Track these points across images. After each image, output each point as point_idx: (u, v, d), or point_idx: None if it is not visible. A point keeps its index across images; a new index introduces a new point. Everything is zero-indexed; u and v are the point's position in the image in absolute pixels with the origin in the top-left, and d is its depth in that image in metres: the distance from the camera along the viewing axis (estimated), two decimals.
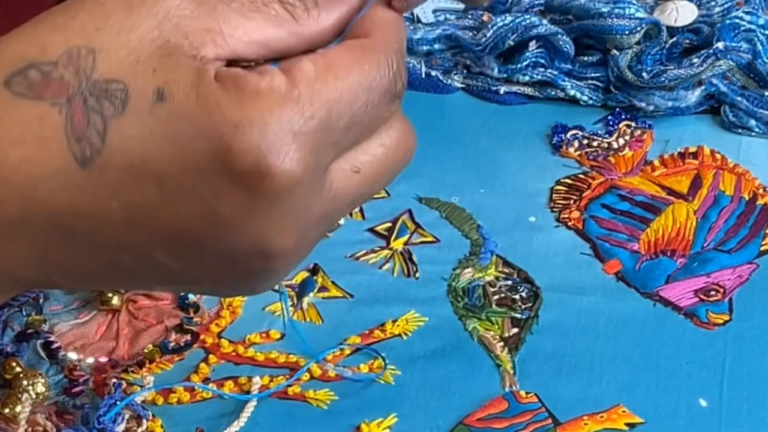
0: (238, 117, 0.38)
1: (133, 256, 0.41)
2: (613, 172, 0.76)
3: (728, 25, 0.81)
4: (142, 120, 0.38)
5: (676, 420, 0.61)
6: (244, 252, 0.40)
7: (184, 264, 0.41)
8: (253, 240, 0.40)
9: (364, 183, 0.42)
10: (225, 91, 0.38)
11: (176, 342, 0.66)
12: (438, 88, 0.83)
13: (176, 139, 0.38)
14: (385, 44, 0.41)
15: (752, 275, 0.69)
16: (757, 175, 0.75)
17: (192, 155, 0.38)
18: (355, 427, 0.61)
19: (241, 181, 0.38)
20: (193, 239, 0.40)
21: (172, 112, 0.38)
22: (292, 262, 0.42)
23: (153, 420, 0.62)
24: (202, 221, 0.39)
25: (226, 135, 0.38)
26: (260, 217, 0.39)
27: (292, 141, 0.38)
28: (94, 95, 0.38)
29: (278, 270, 0.42)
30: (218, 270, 0.42)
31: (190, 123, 0.38)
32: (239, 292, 0.46)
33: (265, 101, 0.38)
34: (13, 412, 0.61)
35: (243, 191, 0.38)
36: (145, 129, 0.38)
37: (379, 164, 0.43)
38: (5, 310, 0.67)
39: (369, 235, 0.73)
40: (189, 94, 0.38)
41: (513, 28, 0.81)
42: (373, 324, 0.67)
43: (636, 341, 0.65)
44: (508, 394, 0.63)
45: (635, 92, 0.80)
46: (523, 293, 0.68)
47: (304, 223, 0.41)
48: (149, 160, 0.38)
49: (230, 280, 0.42)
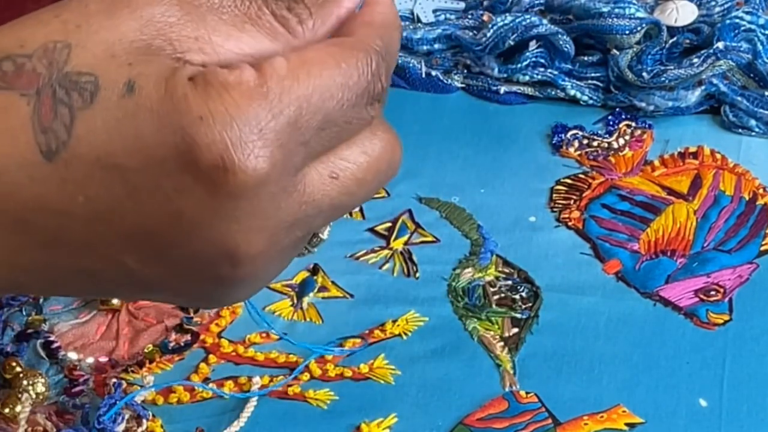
0: (203, 110, 0.37)
1: (99, 257, 0.40)
2: (613, 172, 0.76)
3: (728, 25, 0.81)
4: (110, 112, 0.38)
5: (676, 420, 0.61)
6: (209, 255, 0.39)
7: (150, 267, 0.40)
8: (218, 241, 0.39)
9: (343, 191, 0.41)
10: (193, 84, 0.37)
11: (176, 342, 0.66)
12: (438, 88, 0.83)
13: (141, 131, 0.37)
14: (366, 43, 0.40)
15: (752, 275, 0.69)
16: (757, 175, 0.75)
17: (156, 149, 0.37)
18: (355, 427, 0.61)
19: (205, 176, 0.37)
20: (158, 240, 0.39)
21: (139, 105, 0.37)
22: (262, 270, 0.41)
23: (153, 420, 0.62)
24: (166, 220, 0.38)
25: (189, 128, 0.37)
26: (225, 217, 0.38)
27: (259, 137, 0.37)
28: (64, 87, 0.38)
29: (247, 278, 0.40)
30: (185, 275, 0.40)
31: (155, 115, 0.37)
32: (209, 301, 0.44)
33: (232, 95, 0.37)
34: (13, 412, 0.61)
35: (206, 188, 0.37)
36: (112, 121, 0.38)
37: (361, 173, 0.41)
38: (5, 310, 0.67)
39: (369, 235, 0.73)
40: (158, 87, 0.37)
41: (513, 28, 0.81)
42: (373, 324, 0.67)
43: (636, 341, 0.65)
44: (508, 394, 0.63)
45: (635, 92, 0.80)
46: (523, 293, 0.68)
47: (274, 226, 0.39)
48: (114, 154, 0.38)
49: (198, 287, 0.41)
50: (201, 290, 0.41)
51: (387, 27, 0.41)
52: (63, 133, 0.38)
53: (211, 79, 0.37)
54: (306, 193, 0.40)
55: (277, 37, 0.40)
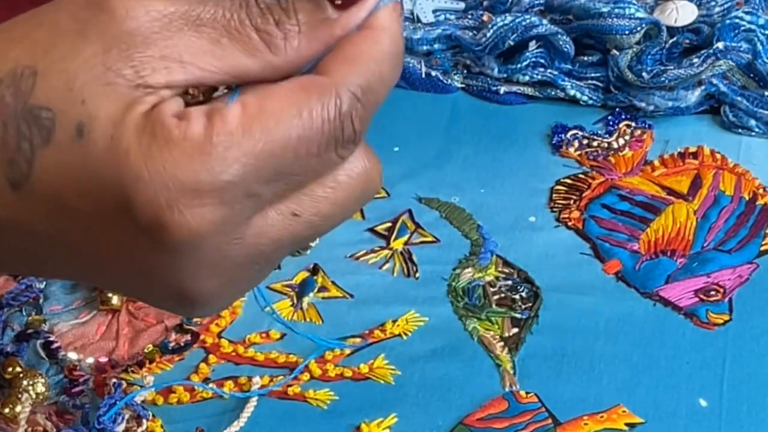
0: (141, 169, 0.36)
1: (68, 272, 0.42)
2: (613, 172, 0.76)
3: (728, 25, 0.81)
4: (63, 155, 0.37)
5: (676, 420, 0.61)
6: (166, 293, 0.40)
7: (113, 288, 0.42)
8: (170, 286, 0.39)
9: (306, 227, 0.40)
10: (138, 137, 0.37)
11: (176, 342, 0.66)
12: (438, 88, 0.83)
13: (89, 181, 0.37)
14: (338, 85, 0.38)
15: (752, 275, 0.69)
16: (757, 175, 0.75)
17: (102, 200, 0.37)
18: (355, 427, 0.61)
19: (144, 232, 0.37)
20: (115, 275, 0.40)
21: (88, 152, 0.37)
22: (223, 299, 0.41)
23: (153, 420, 0.62)
24: (121, 262, 0.39)
25: (127, 187, 0.37)
26: (171, 267, 0.38)
27: (195, 196, 0.37)
28: (27, 121, 0.37)
29: (209, 307, 0.41)
30: (150, 299, 0.42)
31: (101, 167, 0.37)
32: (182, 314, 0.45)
33: (172, 152, 0.36)
34: (13, 412, 0.61)
35: (147, 241, 0.37)
36: (64, 164, 0.37)
37: (327, 207, 0.40)
38: (5, 311, 0.67)
39: (369, 235, 0.73)
40: (105, 135, 0.37)
41: (513, 28, 0.81)
42: (373, 324, 0.67)
43: (636, 341, 0.65)
44: (508, 394, 0.63)
45: (635, 92, 0.80)
46: (523, 293, 0.68)
47: (224, 270, 0.39)
48: (67, 196, 0.38)
49: (168, 306, 0.42)
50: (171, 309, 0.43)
51: (373, 62, 0.39)
52: (25, 167, 0.38)
53: (156, 133, 0.36)
54: (262, 234, 0.39)
55: (256, 54, 0.38)
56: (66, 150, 0.37)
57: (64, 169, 0.37)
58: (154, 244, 0.37)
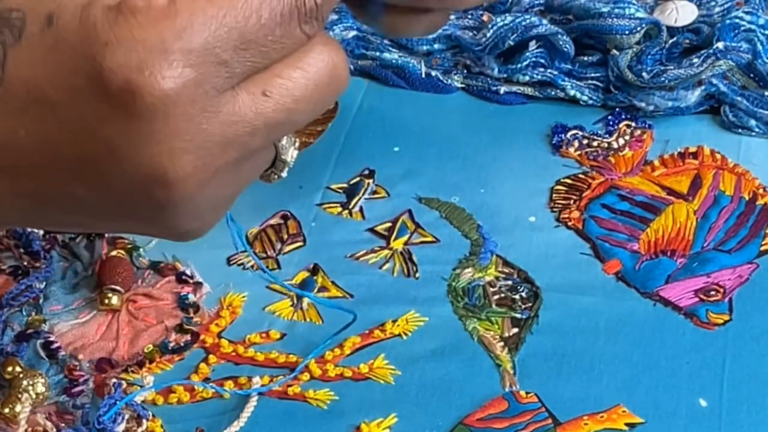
0: (109, 36, 0.37)
1: (52, 187, 0.41)
2: (613, 172, 0.76)
3: (728, 25, 0.81)
4: (34, 47, 0.38)
5: (676, 420, 0.61)
6: (141, 178, 0.40)
7: (95, 194, 0.41)
8: (145, 165, 0.39)
9: (278, 107, 0.41)
10: (105, 12, 0.38)
11: (176, 342, 0.66)
12: (438, 88, 0.83)
13: (61, 63, 0.38)
14: None
15: (752, 275, 0.69)
16: (757, 175, 0.75)
17: (74, 79, 0.38)
18: (355, 427, 0.61)
19: (116, 101, 0.38)
20: (95, 167, 0.40)
21: (58, 37, 0.38)
22: (199, 191, 0.41)
23: (153, 420, 0.62)
24: (97, 148, 0.39)
25: (97, 54, 0.37)
26: (145, 140, 0.39)
27: (164, 58, 0.37)
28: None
29: (185, 200, 0.41)
30: (128, 201, 0.41)
31: (70, 46, 0.38)
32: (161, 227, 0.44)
33: (138, 19, 0.37)
34: (13, 412, 0.61)
35: (120, 112, 0.38)
36: (37, 55, 0.38)
37: (297, 89, 0.41)
38: (5, 311, 0.67)
39: (369, 235, 0.73)
40: (74, 18, 0.38)
41: (513, 28, 0.81)
42: (373, 324, 0.67)
43: (636, 341, 0.65)
44: (508, 394, 0.63)
45: (635, 92, 0.80)
46: (523, 293, 0.68)
47: (199, 147, 0.39)
48: (41, 87, 0.38)
49: (143, 212, 0.42)
50: (147, 215, 0.42)
51: None
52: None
53: (121, 6, 0.38)
54: (235, 113, 0.40)
55: None
56: (37, 41, 0.38)
57: (37, 60, 0.38)
58: (126, 112, 0.38)
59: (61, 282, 0.70)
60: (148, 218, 0.42)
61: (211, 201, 0.42)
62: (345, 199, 0.75)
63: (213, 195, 0.42)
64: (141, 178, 0.40)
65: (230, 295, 0.69)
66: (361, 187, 0.75)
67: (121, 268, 0.69)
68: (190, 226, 0.43)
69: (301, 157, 0.74)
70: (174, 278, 0.70)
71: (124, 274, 0.69)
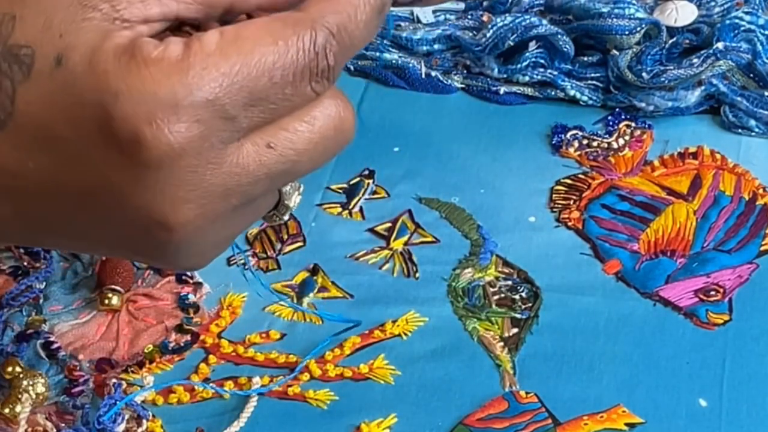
0: (120, 85, 0.38)
1: (56, 215, 0.41)
2: (613, 172, 0.76)
3: (728, 25, 0.81)
4: (44, 85, 0.39)
5: (676, 420, 0.61)
6: (143, 221, 0.40)
7: (98, 228, 0.41)
8: (148, 210, 0.40)
9: (282, 159, 0.41)
10: (116, 58, 0.38)
11: (176, 342, 0.66)
12: (438, 88, 0.83)
13: (69, 105, 0.38)
14: (313, 20, 0.40)
15: (752, 275, 0.69)
16: (757, 175, 0.75)
17: (82, 122, 0.38)
18: (355, 427, 0.61)
19: (123, 149, 0.38)
20: (98, 204, 0.40)
21: (67, 79, 0.38)
22: (200, 236, 0.41)
23: (153, 420, 0.62)
24: (101, 188, 0.40)
25: (107, 103, 0.38)
26: (148, 188, 0.39)
27: (173, 112, 0.38)
28: (7, 60, 0.39)
29: (186, 243, 0.41)
30: (131, 237, 0.42)
31: (80, 90, 0.38)
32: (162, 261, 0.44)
33: (150, 70, 0.38)
34: (13, 412, 0.61)
35: (127, 160, 0.39)
36: (46, 94, 0.39)
37: (302, 141, 0.41)
38: (5, 311, 0.67)
39: (369, 235, 0.73)
40: (84, 61, 0.38)
41: (513, 28, 0.81)
42: (373, 324, 0.67)
43: (636, 341, 0.65)
44: (508, 394, 0.63)
45: (635, 92, 0.80)
46: (523, 293, 0.68)
47: (201, 195, 0.40)
48: (49, 125, 0.39)
49: (148, 249, 0.42)
50: (153, 252, 0.42)
51: (350, 5, 0.41)
52: (8, 104, 0.39)
53: (135, 54, 0.38)
54: (238, 164, 0.40)
55: None
56: (46, 79, 0.39)
57: (46, 99, 0.39)
58: (133, 161, 0.38)
59: (61, 282, 0.70)
60: (149, 253, 0.43)
61: (210, 242, 0.43)
62: (345, 200, 0.75)
63: (213, 237, 0.43)
64: (143, 220, 0.40)
65: (230, 295, 0.69)
66: (361, 188, 0.76)
67: (121, 269, 0.69)
68: (189, 262, 0.44)
69: None
70: (174, 278, 0.70)
71: (124, 274, 0.69)
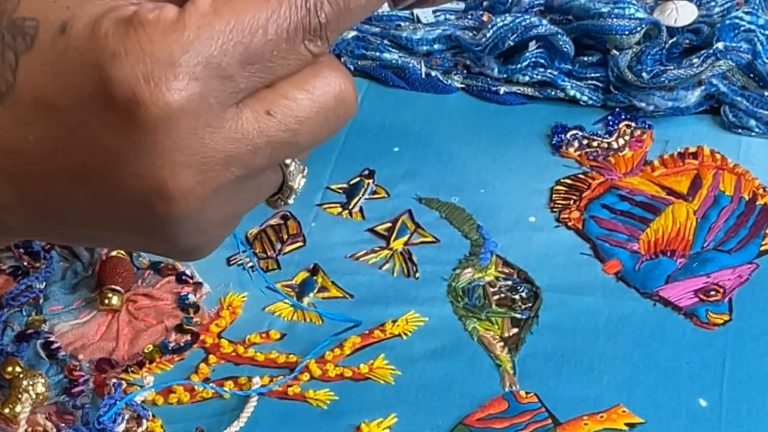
0: (117, 46, 0.38)
1: (56, 196, 0.41)
2: (613, 172, 0.76)
3: (728, 25, 0.81)
4: (46, 54, 0.39)
5: (676, 420, 0.61)
6: (142, 191, 0.40)
7: (98, 205, 0.41)
8: (146, 176, 0.40)
9: (282, 128, 0.41)
10: (117, 24, 0.38)
11: (176, 342, 0.66)
12: (438, 88, 0.83)
13: (70, 71, 0.39)
14: None
15: (752, 275, 0.69)
16: (757, 175, 0.75)
17: (81, 87, 0.39)
18: (355, 427, 0.61)
19: (122, 111, 0.38)
20: (98, 177, 0.40)
21: (69, 45, 0.39)
22: (199, 208, 0.41)
23: (153, 420, 0.62)
24: (99, 156, 0.40)
25: (105, 64, 0.38)
26: (147, 152, 0.39)
27: (170, 71, 0.38)
28: (11, 32, 0.39)
29: (185, 216, 0.41)
30: (130, 213, 0.41)
31: (80, 54, 0.39)
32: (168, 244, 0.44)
33: (147, 31, 0.38)
34: (13, 412, 0.61)
35: (125, 122, 0.39)
36: (47, 63, 0.39)
37: (302, 110, 0.41)
38: (5, 311, 0.67)
39: (369, 235, 0.73)
40: (86, 27, 0.39)
41: (513, 28, 0.81)
42: (373, 324, 0.67)
43: (636, 341, 0.65)
44: (508, 394, 0.63)
45: (635, 92, 0.80)
46: (523, 293, 0.68)
47: (201, 161, 0.40)
48: (50, 94, 0.39)
49: (146, 227, 0.42)
50: (148, 228, 0.42)
51: None
52: (9, 76, 0.39)
53: (132, 18, 0.38)
54: (238, 130, 0.40)
55: None
56: (48, 48, 0.39)
57: (47, 68, 0.39)
58: (130, 123, 0.38)
59: (61, 282, 0.70)
60: (150, 232, 0.42)
61: (212, 218, 0.42)
62: (345, 200, 0.75)
63: (214, 212, 0.42)
64: (141, 190, 0.40)
65: (230, 295, 0.69)
66: (361, 188, 0.76)
67: (121, 268, 0.69)
68: (191, 243, 0.43)
69: None
70: (174, 278, 0.70)
71: (124, 274, 0.69)
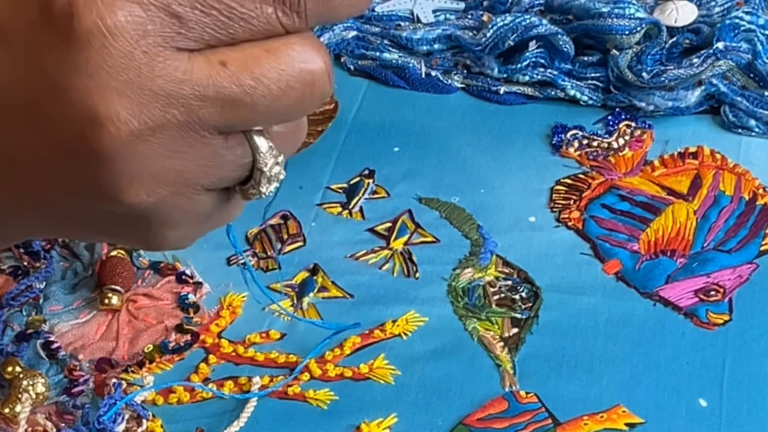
0: None
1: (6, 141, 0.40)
2: (613, 172, 0.76)
3: (728, 25, 0.81)
4: None
5: (676, 420, 0.61)
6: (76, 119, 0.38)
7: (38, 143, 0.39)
8: (78, 100, 0.38)
9: (235, 81, 0.39)
10: None
11: (176, 342, 0.66)
12: (438, 88, 0.83)
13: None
14: None
15: (752, 275, 0.69)
16: (757, 175, 0.75)
17: (26, 7, 0.38)
18: (355, 427, 0.61)
19: (57, 25, 0.37)
20: (40, 111, 0.39)
21: None
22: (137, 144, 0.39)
23: (153, 420, 0.62)
24: (42, 85, 0.38)
25: None
26: (78, 71, 0.38)
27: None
28: None
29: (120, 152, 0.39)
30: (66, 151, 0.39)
31: None
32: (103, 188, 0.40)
33: None
34: (13, 412, 0.61)
35: (60, 38, 0.37)
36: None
37: (260, 68, 0.39)
38: (5, 311, 0.67)
39: (369, 235, 0.73)
40: None
41: (513, 28, 0.81)
42: (373, 324, 0.67)
43: (636, 341, 0.65)
44: (508, 394, 0.63)
45: (635, 92, 0.80)
46: (523, 293, 0.68)
47: (137, 92, 0.38)
48: (3, 20, 0.38)
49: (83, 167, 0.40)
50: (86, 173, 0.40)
51: None
52: None
53: None
54: (185, 71, 0.38)
55: None
56: None
57: None
58: (65, 37, 0.37)
59: (61, 282, 0.70)
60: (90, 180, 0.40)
61: (153, 168, 0.40)
62: (345, 199, 0.75)
63: (156, 162, 0.40)
64: (75, 118, 0.38)
65: (230, 295, 0.69)
66: (361, 187, 0.76)
67: (121, 268, 0.69)
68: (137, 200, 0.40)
69: (301, 157, 0.75)
70: (174, 278, 0.70)
71: (125, 274, 0.69)
